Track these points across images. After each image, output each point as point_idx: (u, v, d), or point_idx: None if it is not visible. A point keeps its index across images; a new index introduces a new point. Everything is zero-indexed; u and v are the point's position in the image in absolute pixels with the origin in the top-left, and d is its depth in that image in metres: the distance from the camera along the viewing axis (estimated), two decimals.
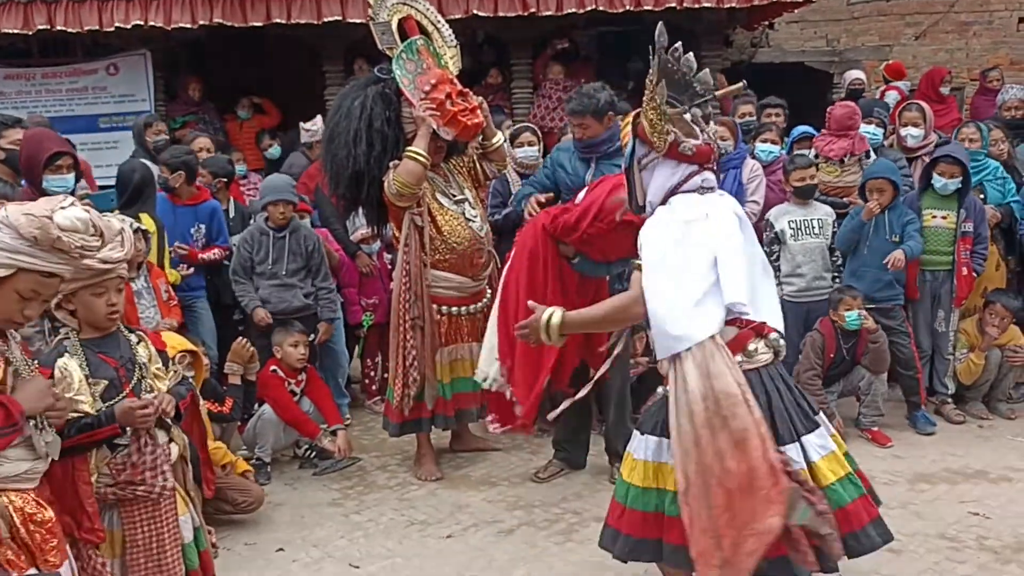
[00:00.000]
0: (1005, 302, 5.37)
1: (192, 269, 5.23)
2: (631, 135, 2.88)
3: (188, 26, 7.76)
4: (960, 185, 5.21)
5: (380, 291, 5.87)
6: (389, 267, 5.98)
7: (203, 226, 5.42)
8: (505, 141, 5.06)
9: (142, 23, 7.72)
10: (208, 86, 8.82)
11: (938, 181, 5.25)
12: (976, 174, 5.55)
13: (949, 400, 5.46)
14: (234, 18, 7.79)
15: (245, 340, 4.68)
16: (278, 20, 7.80)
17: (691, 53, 2.82)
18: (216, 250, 5.39)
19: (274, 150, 7.77)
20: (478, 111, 4.46)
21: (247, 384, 4.69)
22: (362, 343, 5.97)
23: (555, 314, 2.90)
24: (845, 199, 5.64)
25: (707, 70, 2.87)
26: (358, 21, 7.68)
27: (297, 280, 5.20)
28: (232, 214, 5.82)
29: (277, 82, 9.66)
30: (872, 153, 5.79)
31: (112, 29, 7.76)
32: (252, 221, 5.65)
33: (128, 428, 2.69)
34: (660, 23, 2.77)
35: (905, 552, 3.81)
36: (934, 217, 5.31)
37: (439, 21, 4.75)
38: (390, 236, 5.39)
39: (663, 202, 2.82)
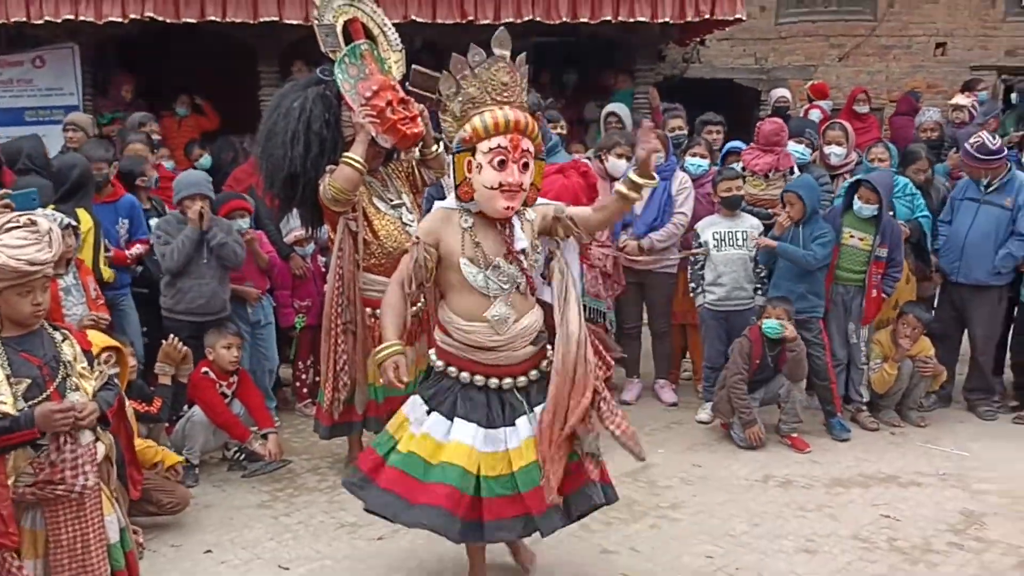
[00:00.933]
0: (917, 314, 5.61)
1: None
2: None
3: (119, 20, 7.62)
4: (877, 212, 5.42)
5: (313, 294, 5.84)
6: (323, 270, 5.96)
7: (125, 221, 5.40)
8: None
9: (72, 16, 7.55)
10: (139, 82, 8.67)
11: (856, 204, 5.46)
12: None
13: (864, 408, 5.67)
14: (167, 13, 7.66)
15: (177, 340, 4.61)
16: (213, 17, 7.70)
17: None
18: (138, 245, 5.37)
19: (204, 160, 7.38)
20: (418, 120, 4.45)
21: (177, 385, 4.63)
22: (294, 345, 5.94)
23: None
24: (770, 210, 5.83)
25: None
26: (295, 22, 7.65)
27: (215, 274, 5.10)
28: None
29: (211, 81, 9.52)
30: (796, 170, 5.99)
31: (41, 22, 7.58)
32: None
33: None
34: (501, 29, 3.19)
35: (820, 552, 3.97)
36: (852, 237, 5.51)
37: (385, 24, 4.73)
38: (325, 239, 5.39)
39: None
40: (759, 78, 11.38)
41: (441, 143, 4.77)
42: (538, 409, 3.24)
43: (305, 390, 5.96)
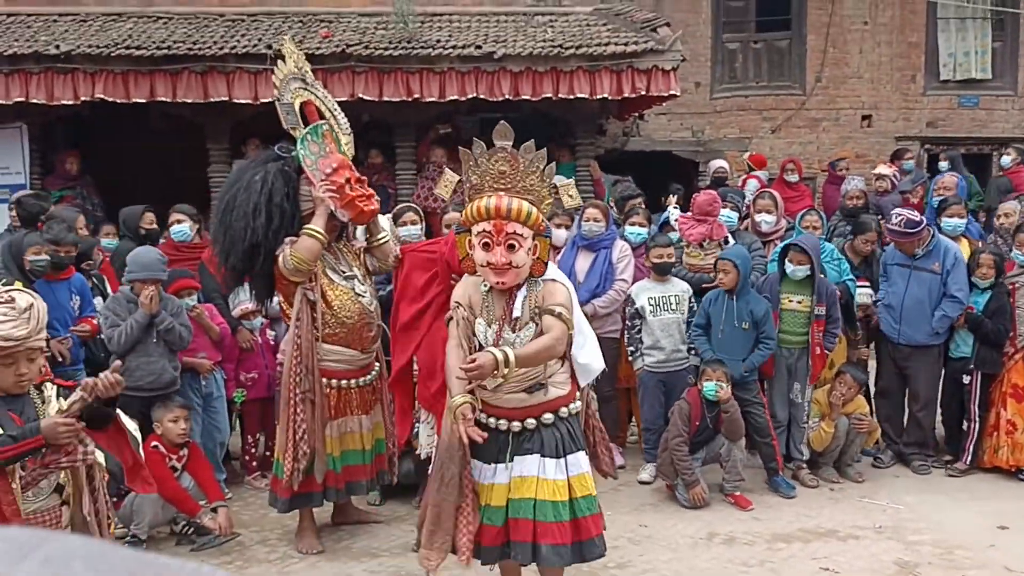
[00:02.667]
0: (854, 374, 5.83)
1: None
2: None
3: (71, 103, 7.73)
4: (809, 272, 5.68)
5: (260, 366, 5.90)
6: (272, 343, 6.04)
7: (78, 297, 5.45)
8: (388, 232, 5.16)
9: (23, 99, 7.65)
10: (89, 159, 8.73)
11: (789, 267, 5.73)
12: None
13: (804, 465, 5.85)
14: (116, 94, 7.80)
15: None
16: (163, 98, 7.85)
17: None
18: (84, 324, 5.41)
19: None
20: (373, 199, 4.65)
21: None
22: (239, 418, 5.96)
23: (509, 352, 3.38)
24: (709, 275, 6.06)
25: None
26: (244, 101, 7.83)
27: (164, 352, 5.13)
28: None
29: (161, 158, 9.64)
30: (731, 238, 6.26)
31: None
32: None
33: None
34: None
35: None
36: (791, 301, 5.76)
37: (336, 109, 4.93)
38: (275, 311, 5.47)
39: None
40: (696, 150, 11.81)
41: (386, 232, 4.94)
42: (519, 461, 3.56)
43: (255, 463, 5.96)
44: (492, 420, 3.60)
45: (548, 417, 3.59)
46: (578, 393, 3.74)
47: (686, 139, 11.93)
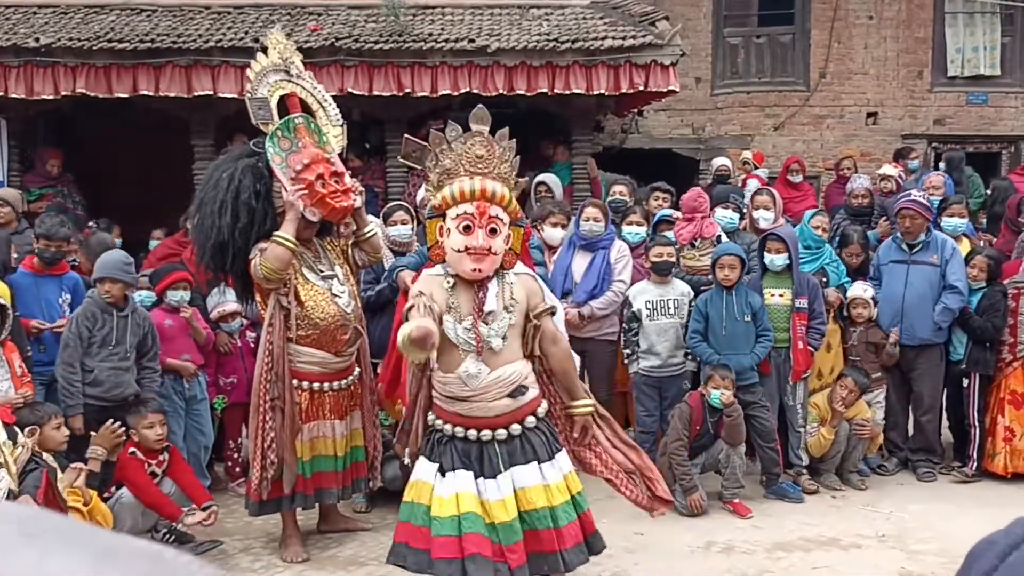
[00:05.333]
0: (856, 377, 5.80)
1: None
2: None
3: (51, 97, 7.71)
4: (788, 261, 5.68)
5: (240, 370, 5.89)
6: (252, 346, 6.01)
7: (68, 295, 5.43)
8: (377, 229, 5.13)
9: (2, 93, 7.63)
10: (71, 157, 8.71)
11: (767, 258, 5.74)
12: (816, 260, 6.10)
13: (804, 471, 5.84)
14: (99, 89, 7.79)
15: (116, 424, 4.60)
16: (146, 92, 7.84)
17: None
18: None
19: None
20: (351, 194, 4.59)
21: (106, 464, 4.62)
22: (218, 424, 5.94)
23: (589, 401, 3.78)
24: (708, 277, 6.04)
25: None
26: (230, 96, 7.81)
27: (131, 363, 5.13)
28: None
29: (146, 155, 9.62)
30: (724, 236, 6.24)
31: None
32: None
33: None
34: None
35: None
36: (772, 295, 5.76)
37: (326, 100, 4.89)
38: (257, 313, 5.45)
39: None
40: (697, 147, 11.81)
41: (374, 225, 4.93)
42: (518, 471, 3.54)
43: (237, 469, 5.96)
44: (473, 432, 3.58)
45: (531, 420, 3.62)
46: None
47: (687, 136, 11.94)
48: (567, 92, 8.28)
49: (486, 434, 3.57)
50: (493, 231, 3.47)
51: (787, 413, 5.81)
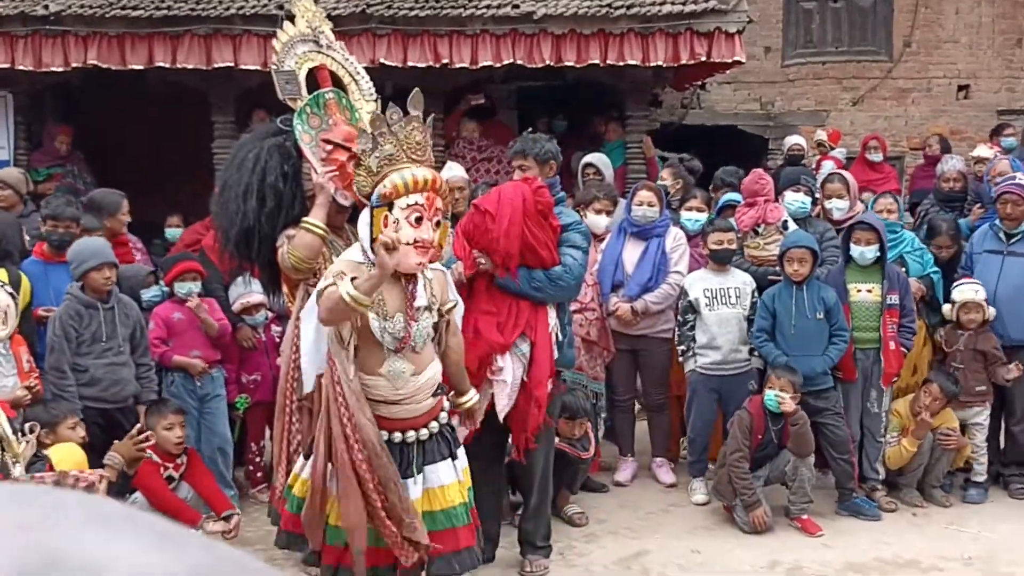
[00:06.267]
0: (943, 383, 5.74)
1: None
2: None
3: (60, 69, 7.88)
4: (878, 253, 5.65)
5: (264, 367, 5.99)
6: (276, 340, 6.11)
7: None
8: None
9: (8, 65, 7.81)
10: (80, 133, 8.87)
11: (855, 250, 5.69)
12: (895, 247, 6.04)
13: (880, 486, 5.83)
14: (112, 60, 7.93)
15: (144, 436, 4.58)
16: (162, 64, 7.96)
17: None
18: None
19: (176, 231, 7.53)
20: None
21: (123, 475, 4.71)
22: (239, 426, 6.05)
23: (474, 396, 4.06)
24: (774, 267, 6.02)
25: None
26: (252, 67, 7.92)
27: (128, 358, 5.20)
28: None
29: (157, 129, 9.79)
30: (791, 222, 6.19)
31: None
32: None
33: None
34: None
35: None
36: (859, 291, 5.74)
37: (359, 73, 4.93)
38: (284, 306, 5.54)
39: None
40: (766, 124, 11.75)
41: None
42: (432, 470, 3.79)
43: (260, 474, 6.07)
44: (398, 435, 3.74)
45: (443, 416, 3.86)
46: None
47: (754, 112, 11.87)
48: (621, 63, 8.27)
49: (410, 435, 3.76)
50: (438, 224, 3.65)
51: (867, 421, 5.79)
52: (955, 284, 6.01)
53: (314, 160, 4.55)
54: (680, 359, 6.01)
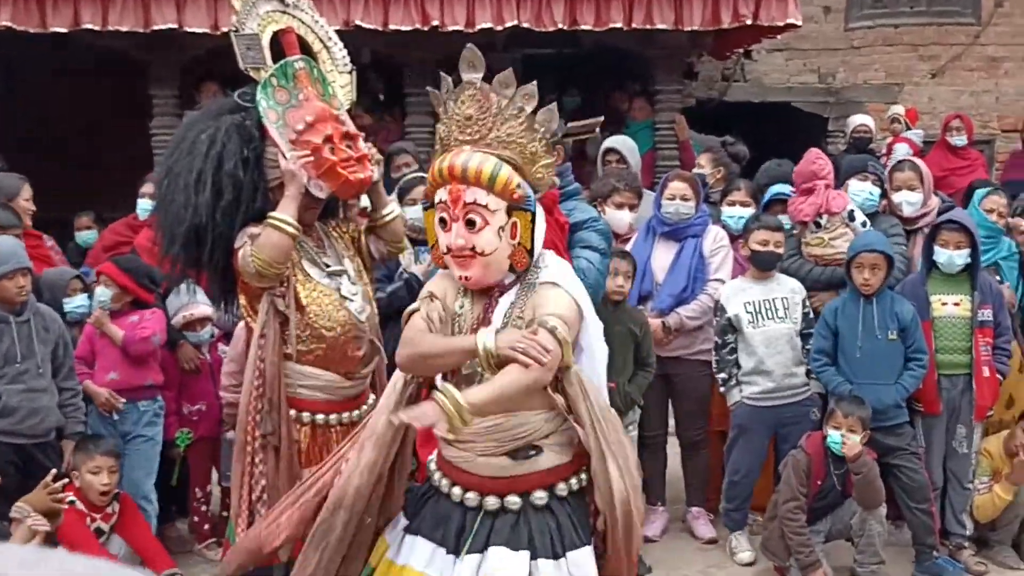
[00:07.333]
0: None
1: None
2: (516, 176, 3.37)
3: None
4: (969, 260, 5.61)
5: (210, 394, 5.95)
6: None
7: None
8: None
9: None
10: None
11: (941, 255, 5.63)
12: (989, 251, 6.01)
13: (967, 544, 5.79)
14: (29, 22, 7.93)
15: (61, 484, 4.56)
16: (90, 26, 7.97)
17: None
18: None
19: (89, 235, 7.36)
20: (367, 163, 4.62)
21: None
22: (179, 467, 6.04)
23: (458, 397, 3.12)
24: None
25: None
26: (200, 30, 7.94)
27: (49, 382, 5.15)
28: None
29: (90, 108, 9.80)
30: (859, 214, 6.11)
31: None
32: None
33: None
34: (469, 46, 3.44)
35: None
36: (944, 304, 5.70)
37: (330, 38, 4.87)
38: (233, 322, 5.51)
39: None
40: (825, 101, 11.76)
41: (395, 205, 4.97)
42: (494, 554, 3.35)
43: (207, 526, 6.05)
44: (457, 490, 3.46)
45: (540, 496, 3.42)
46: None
47: (811, 86, 11.89)
48: (649, 27, 8.28)
49: (471, 497, 3.45)
50: (471, 223, 3.34)
51: (952, 464, 5.75)
52: None
53: (282, 143, 4.49)
54: (721, 389, 5.96)
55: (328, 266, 4.65)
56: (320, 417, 4.64)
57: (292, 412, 4.56)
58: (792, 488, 5.36)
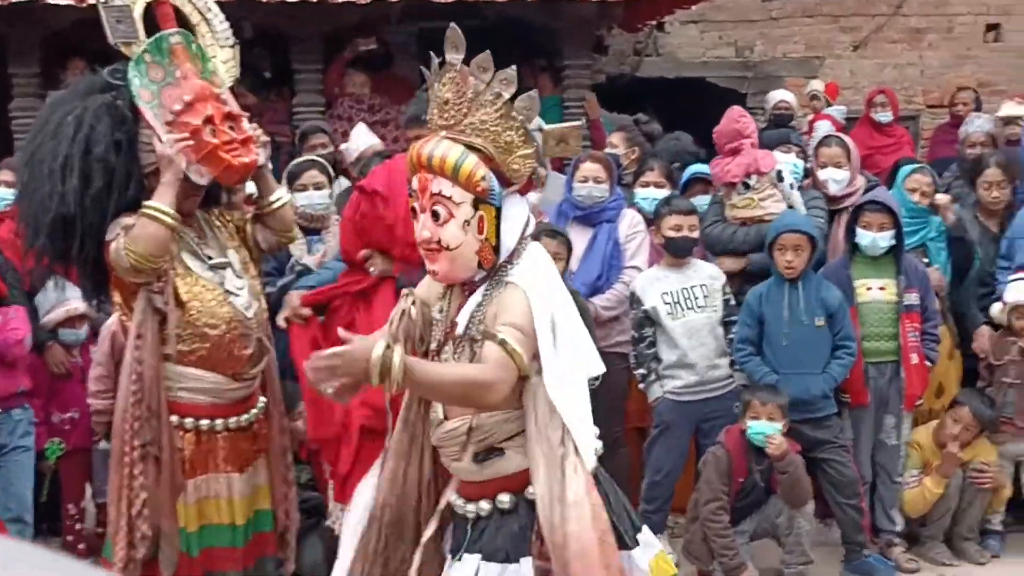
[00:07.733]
0: (976, 407, 5.84)
1: None
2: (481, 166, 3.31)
3: None
4: (893, 241, 5.73)
5: (82, 400, 5.86)
6: None
7: None
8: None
9: None
10: None
11: (864, 237, 5.74)
12: (916, 232, 6.14)
13: (898, 540, 5.91)
14: None
15: None
16: None
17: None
18: None
19: None
20: (251, 146, 4.58)
21: None
22: (49, 481, 5.95)
23: (396, 354, 3.09)
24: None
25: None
26: (64, 1, 7.79)
27: None
28: None
29: None
30: (787, 174, 6.18)
31: None
32: None
33: None
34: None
35: None
36: (869, 289, 5.81)
37: (210, 9, 4.81)
38: (109, 322, 5.42)
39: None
40: (743, 76, 11.86)
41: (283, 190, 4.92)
42: (471, 560, 3.41)
43: (82, 545, 5.96)
44: (460, 502, 3.53)
45: (505, 499, 3.46)
46: None
47: (727, 59, 11.99)
48: None
49: (459, 504, 3.53)
50: (435, 215, 3.34)
51: (881, 457, 5.86)
52: (1008, 279, 6.10)
53: (157, 125, 4.43)
54: (641, 386, 5.99)
55: (210, 258, 4.61)
56: (205, 422, 4.58)
57: (174, 418, 4.50)
58: (713, 487, 5.41)
